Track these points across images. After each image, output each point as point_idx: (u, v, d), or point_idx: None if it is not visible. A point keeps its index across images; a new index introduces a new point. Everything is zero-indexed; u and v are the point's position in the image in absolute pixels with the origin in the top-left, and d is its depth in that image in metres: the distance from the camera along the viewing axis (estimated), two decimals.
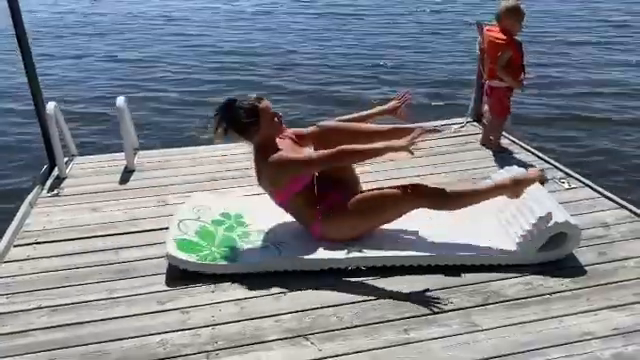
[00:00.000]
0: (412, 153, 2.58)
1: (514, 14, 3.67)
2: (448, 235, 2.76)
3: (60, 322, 2.34)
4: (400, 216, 2.76)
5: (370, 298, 2.42)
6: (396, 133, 2.81)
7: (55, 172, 3.83)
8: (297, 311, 2.35)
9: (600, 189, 3.34)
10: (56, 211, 3.33)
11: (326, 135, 2.85)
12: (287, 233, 2.83)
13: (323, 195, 2.75)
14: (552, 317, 2.28)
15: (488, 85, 3.95)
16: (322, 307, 2.37)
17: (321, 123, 2.94)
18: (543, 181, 2.93)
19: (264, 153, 2.69)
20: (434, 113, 5.99)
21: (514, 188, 2.81)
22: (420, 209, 2.74)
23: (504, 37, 3.68)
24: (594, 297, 2.40)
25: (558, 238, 2.63)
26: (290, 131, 2.91)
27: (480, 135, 4.22)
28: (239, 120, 2.66)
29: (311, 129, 2.94)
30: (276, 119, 2.73)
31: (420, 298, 2.41)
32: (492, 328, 2.22)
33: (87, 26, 12.31)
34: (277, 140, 2.77)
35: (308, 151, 2.86)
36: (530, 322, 2.25)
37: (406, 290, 2.46)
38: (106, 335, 2.25)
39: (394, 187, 2.75)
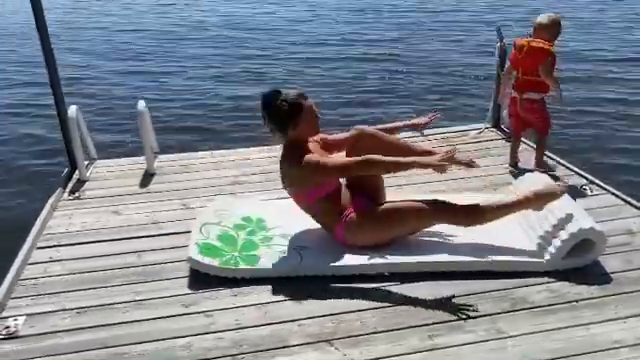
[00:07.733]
0: (441, 172, 2.58)
1: (558, 27, 3.48)
2: (473, 241, 2.74)
3: (85, 324, 2.35)
4: (421, 229, 2.77)
5: (394, 304, 2.41)
6: (428, 154, 2.83)
7: (76, 175, 3.86)
8: (320, 316, 2.34)
9: (624, 196, 3.30)
10: (78, 214, 3.35)
11: (363, 140, 2.83)
12: (309, 238, 2.83)
13: (348, 200, 2.75)
14: (579, 325, 2.25)
15: (524, 99, 3.58)
16: (345, 312, 2.36)
17: (360, 127, 2.91)
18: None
19: (293, 153, 2.65)
20: (451, 118, 5.98)
21: (537, 202, 2.76)
22: None
23: (549, 45, 3.44)
24: (621, 305, 2.37)
25: (583, 245, 2.60)
26: (321, 135, 2.87)
27: (499, 140, 4.20)
28: (280, 113, 2.60)
29: (349, 133, 2.90)
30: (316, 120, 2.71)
31: (445, 304, 2.40)
32: (519, 335, 2.20)
33: (107, 29, 12.38)
34: (308, 143, 2.74)
35: (336, 157, 2.84)
36: (557, 329, 2.23)
37: (431, 296, 2.45)
38: (130, 338, 2.26)
39: (419, 200, 2.73)
